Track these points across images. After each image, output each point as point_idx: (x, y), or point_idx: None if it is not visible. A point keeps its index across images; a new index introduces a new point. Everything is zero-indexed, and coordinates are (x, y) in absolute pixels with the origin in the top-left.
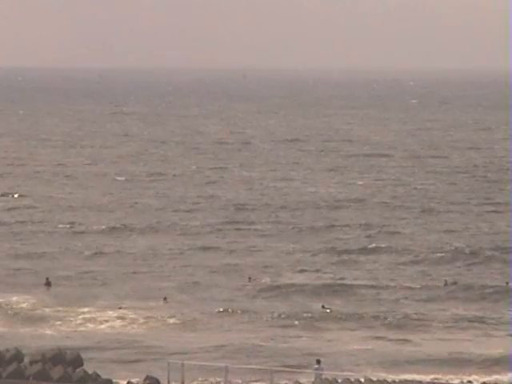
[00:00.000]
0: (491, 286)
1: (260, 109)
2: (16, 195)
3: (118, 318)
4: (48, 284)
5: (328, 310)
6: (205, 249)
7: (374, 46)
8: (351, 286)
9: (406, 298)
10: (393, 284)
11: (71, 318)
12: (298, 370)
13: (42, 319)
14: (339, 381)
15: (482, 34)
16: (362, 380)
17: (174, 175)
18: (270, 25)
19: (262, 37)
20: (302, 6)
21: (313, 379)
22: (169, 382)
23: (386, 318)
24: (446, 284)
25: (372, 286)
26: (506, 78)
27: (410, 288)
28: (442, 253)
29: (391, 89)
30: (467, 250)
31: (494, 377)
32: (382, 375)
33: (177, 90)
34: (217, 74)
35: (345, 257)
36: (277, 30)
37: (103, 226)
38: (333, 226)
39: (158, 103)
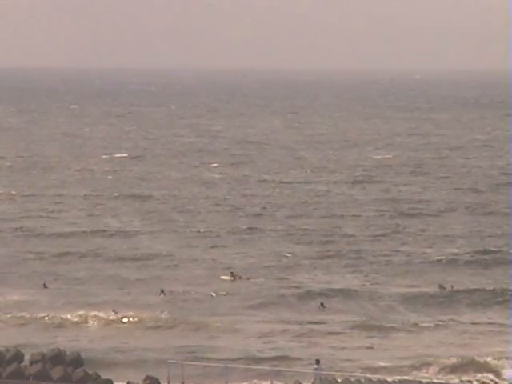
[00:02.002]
0: (496, 289)
1: (270, 109)
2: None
3: (118, 317)
4: (45, 288)
5: (326, 306)
6: (211, 249)
7: (374, 47)
8: (354, 290)
9: (410, 302)
10: (395, 288)
11: (71, 318)
12: (298, 370)
13: (42, 320)
14: (339, 381)
15: (483, 35)
16: (362, 380)
17: (183, 175)
18: (269, 25)
19: (262, 37)
20: (302, 7)
21: (312, 379)
22: (169, 382)
23: (387, 322)
24: (443, 288)
25: (376, 290)
26: (506, 78)
27: (413, 292)
28: (445, 256)
29: (394, 89)
30: (471, 253)
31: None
32: (383, 375)
33: (181, 91)
34: (217, 74)
35: (350, 259)
36: (277, 30)
37: (108, 227)
38: (340, 227)
39: (165, 103)
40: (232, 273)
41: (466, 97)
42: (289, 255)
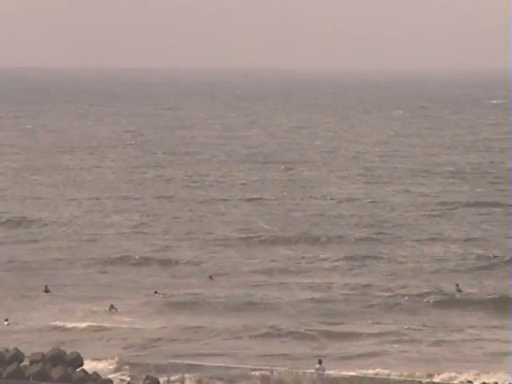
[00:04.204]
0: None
1: (284, 110)
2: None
3: (118, 318)
4: (46, 292)
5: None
6: (217, 251)
7: (373, 47)
8: (365, 288)
9: (420, 304)
10: (404, 289)
11: (71, 318)
12: (299, 370)
13: (41, 319)
14: (340, 380)
15: (482, 35)
16: (363, 380)
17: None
18: (270, 25)
19: (262, 37)
20: (302, 7)
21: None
22: (169, 382)
23: (400, 324)
24: (458, 289)
25: (388, 290)
26: (506, 78)
27: (423, 294)
28: (456, 260)
29: (395, 90)
30: (484, 256)
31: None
32: (383, 375)
33: (182, 90)
34: (217, 74)
35: (358, 262)
36: (277, 30)
37: (111, 228)
38: (345, 228)
39: (166, 103)
40: (210, 276)
41: (463, 95)
42: (286, 258)
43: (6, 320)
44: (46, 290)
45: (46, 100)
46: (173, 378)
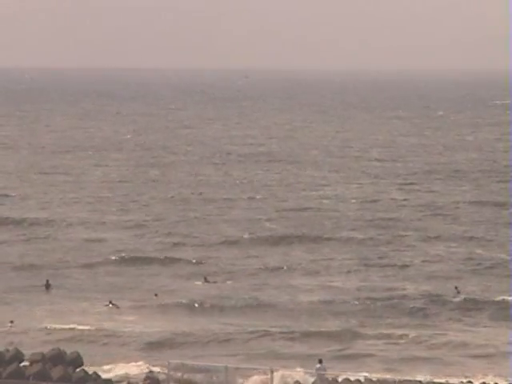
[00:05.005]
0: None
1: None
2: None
3: (118, 318)
4: (48, 286)
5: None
6: (221, 253)
7: (373, 48)
8: (367, 288)
9: (421, 304)
10: (405, 290)
11: (71, 318)
12: (299, 370)
13: (41, 319)
14: (339, 380)
15: (483, 35)
16: (362, 380)
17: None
18: (270, 25)
19: (262, 37)
20: (302, 7)
21: (313, 379)
22: (169, 382)
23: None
24: (457, 291)
25: (389, 290)
26: (507, 79)
27: (424, 294)
28: (458, 259)
29: (399, 91)
30: (486, 256)
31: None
32: (383, 375)
33: (182, 91)
34: (217, 74)
35: (360, 262)
36: (277, 30)
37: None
38: (349, 229)
39: (168, 103)
40: (205, 278)
41: (460, 96)
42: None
43: (11, 322)
44: (47, 285)
45: (46, 100)
46: (173, 378)
